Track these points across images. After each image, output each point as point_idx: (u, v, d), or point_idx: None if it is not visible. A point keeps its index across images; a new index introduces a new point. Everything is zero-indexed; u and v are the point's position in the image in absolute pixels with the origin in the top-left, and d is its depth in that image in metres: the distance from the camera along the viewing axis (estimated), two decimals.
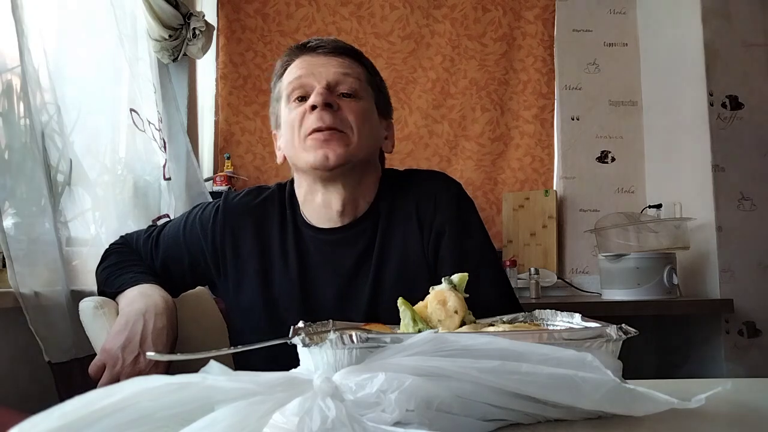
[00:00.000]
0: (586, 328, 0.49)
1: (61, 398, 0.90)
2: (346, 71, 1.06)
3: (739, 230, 2.36)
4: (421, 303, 0.59)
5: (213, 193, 2.47)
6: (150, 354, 0.44)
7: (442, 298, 0.58)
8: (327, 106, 1.02)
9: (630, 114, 2.95)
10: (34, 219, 1.38)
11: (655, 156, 2.87)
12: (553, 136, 2.96)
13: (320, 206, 1.10)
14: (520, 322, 0.62)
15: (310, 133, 1.03)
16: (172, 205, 2.15)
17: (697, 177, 2.47)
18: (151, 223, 1.99)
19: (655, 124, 2.87)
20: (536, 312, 0.61)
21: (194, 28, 2.29)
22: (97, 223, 1.69)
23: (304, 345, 0.42)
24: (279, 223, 1.13)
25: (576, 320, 0.54)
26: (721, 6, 2.43)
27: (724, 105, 2.41)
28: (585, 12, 2.97)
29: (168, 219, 2.07)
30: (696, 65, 2.46)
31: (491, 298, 1.06)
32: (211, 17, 2.75)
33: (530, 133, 2.94)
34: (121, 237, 1.28)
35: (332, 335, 0.40)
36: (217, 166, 2.84)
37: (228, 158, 2.77)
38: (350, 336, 0.40)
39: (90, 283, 1.48)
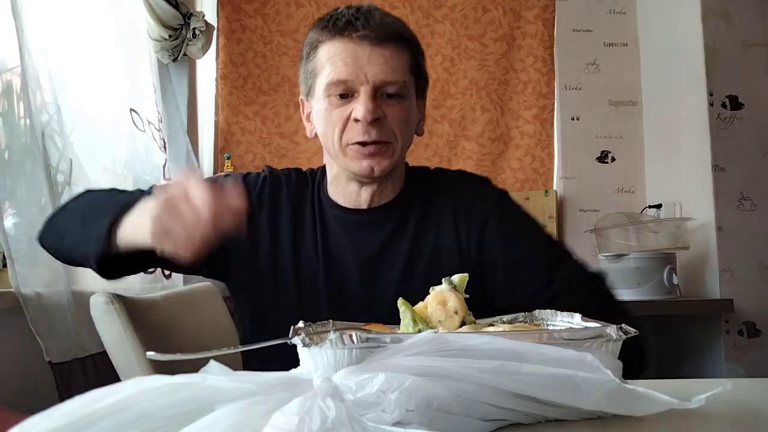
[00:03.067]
0: (586, 328, 0.49)
1: (61, 398, 0.90)
2: (393, 78, 0.99)
3: (739, 230, 2.36)
4: (421, 303, 0.59)
5: None
6: (150, 354, 0.43)
7: (443, 298, 0.58)
8: (374, 120, 0.98)
9: (630, 114, 2.95)
10: (35, 219, 1.38)
11: (655, 156, 2.87)
12: (553, 136, 2.96)
13: (348, 194, 1.09)
14: (520, 322, 0.62)
15: (352, 144, 1.00)
16: None
17: (697, 177, 2.47)
18: None
19: (655, 124, 2.87)
20: (536, 312, 0.61)
21: (194, 28, 2.29)
22: None
23: (304, 345, 0.42)
24: (311, 201, 1.12)
25: (576, 320, 0.54)
26: (721, 6, 2.43)
27: (724, 105, 2.41)
28: (585, 12, 2.97)
29: None
30: (696, 65, 2.46)
31: (559, 256, 1.06)
32: (211, 17, 2.75)
33: (530, 133, 2.94)
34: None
35: (332, 335, 0.40)
36: (217, 166, 2.84)
37: (228, 158, 2.77)
38: (350, 336, 0.40)
39: (91, 283, 1.48)
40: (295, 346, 0.45)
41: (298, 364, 0.47)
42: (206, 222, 0.71)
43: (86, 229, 0.94)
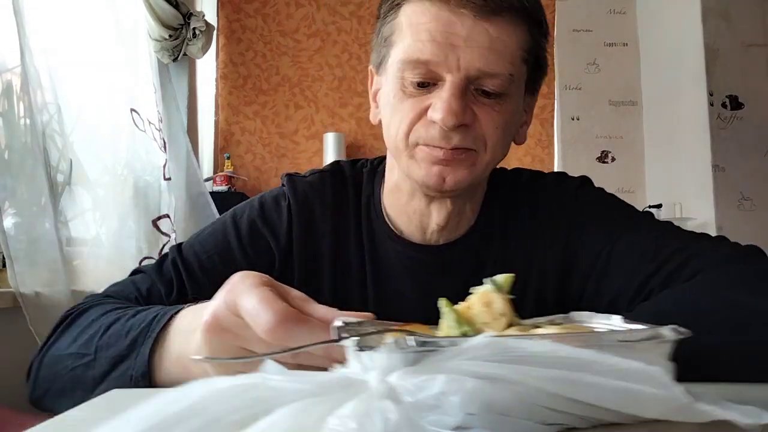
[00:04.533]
0: (633, 330, 0.48)
1: None
2: (495, 68, 0.69)
3: (739, 230, 2.36)
4: (463, 304, 0.56)
5: (213, 193, 2.47)
6: (195, 357, 0.40)
7: (487, 299, 0.54)
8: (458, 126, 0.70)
9: (630, 114, 2.96)
10: (34, 219, 1.38)
11: (655, 156, 2.87)
12: (553, 136, 2.96)
13: (413, 212, 0.80)
14: (559, 323, 0.60)
15: (423, 144, 0.72)
16: (172, 205, 2.15)
17: (697, 177, 2.47)
18: (151, 225, 1.99)
19: (655, 124, 2.87)
20: (573, 314, 0.59)
21: (194, 28, 2.29)
22: (97, 223, 1.69)
23: (358, 348, 0.41)
24: (355, 224, 0.83)
25: (615, 321, 0.52)
26: (721, 6, 2.43)
27: (724, 105, 2.41)
28: (585, 12, 2.97)
29: (168, 217, 2.07)
30: (696, 65, 2.46)
31: (664, 232, 0.80)
32: (211, 17, 2.75)
33: (530, 133, 2.92)
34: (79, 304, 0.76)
35: (388, 337, 0.40)
36: (217, 166, 2.84)
37: (228, 158, 2.77)
38: (405, 338, 0.39)
39: (90, 283, 1.48)
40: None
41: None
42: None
43: (112, 375, 0.61)
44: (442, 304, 0.55)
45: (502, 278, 0.57)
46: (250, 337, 0.47)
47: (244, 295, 0.47)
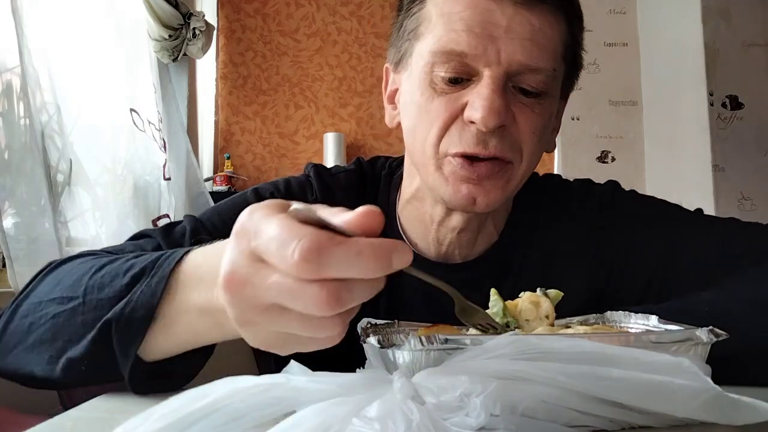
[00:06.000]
0: (669, 330, 0.47)
1: (61, 399, 0.89)
2: (539, 62, 0.63)
3: None
4: (510, 302, 0.57)
5: (213, 193, 2.47)
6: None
7: (536, 300, 0.55)
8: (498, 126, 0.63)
9: (630, 114, 2.95)
10: (34, 219, 1.38)
11: (655, 156, 2.87)
12: None
13: (431, 221, 0.73)
14: (592, 323, 0.60)
15: (455, 155, 0.64)
16: (172, 205, 2.15)
17: (697, 177, 2.47)
18: (151, 225, 1.99)
19: (655, 124, 2.87)
20: (608, 314, 0.59)
21: (194, 28, 2.29)
22: (97, 223, 1.69)
23: (382, 346, 0.41)
24: None
25: (653, 322, 0.52)
26: (721, 6, 2.43)
27: (724, 105, 2.41)
28: (585, 12, 2.94)
29: (168, 217, 2.07)
30: (696, 65, 2.46)
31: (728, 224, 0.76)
32: (211, 17, 2.75)
33: None
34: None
35: (411, 336, 0.40)
36: (217, 166, 2.84)
37: (228, 158, 2.77)
38: (428, 337, 0.39)
39: None
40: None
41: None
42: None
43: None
44: (493, 292, 0.55)
45: (553, 293, 0.57)
46: (275, 286, 0.35)
47: (259, 231, 0.35)
